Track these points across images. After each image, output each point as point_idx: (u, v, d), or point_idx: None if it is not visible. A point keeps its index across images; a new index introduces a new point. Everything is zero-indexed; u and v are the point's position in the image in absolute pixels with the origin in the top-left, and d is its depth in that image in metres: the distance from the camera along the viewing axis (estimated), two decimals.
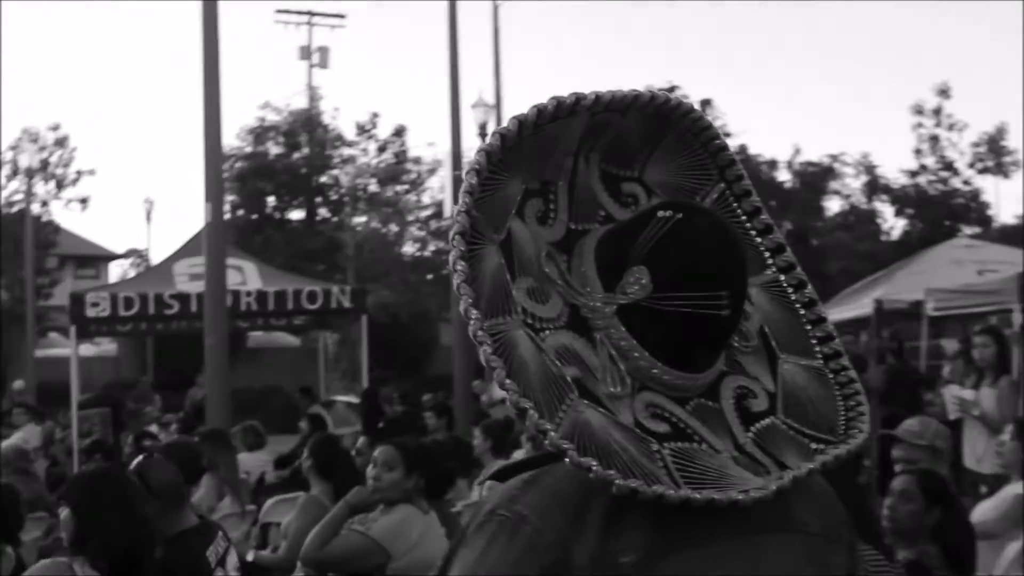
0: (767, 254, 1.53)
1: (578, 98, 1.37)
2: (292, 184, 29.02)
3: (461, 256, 1.29)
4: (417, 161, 30.55)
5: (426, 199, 30.23)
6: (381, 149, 30.71)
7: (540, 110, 1.35)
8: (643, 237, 1.37)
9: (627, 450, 1.26)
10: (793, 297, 1.51)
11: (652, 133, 1.49)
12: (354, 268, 26.49)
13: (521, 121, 1.34)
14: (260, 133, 29.34)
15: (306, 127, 29.63)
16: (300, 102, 30.62)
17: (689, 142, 1.51)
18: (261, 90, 63.01)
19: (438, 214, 27.21)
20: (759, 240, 1.53)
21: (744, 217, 1.53)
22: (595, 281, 1.39)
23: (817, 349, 1.48)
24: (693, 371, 1.37)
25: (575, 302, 1.38)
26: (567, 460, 1.22)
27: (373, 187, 30.19)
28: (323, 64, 33.83)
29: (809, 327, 1.49)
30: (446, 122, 15.62)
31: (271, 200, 29.27)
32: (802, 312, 1.50)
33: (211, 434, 7.92)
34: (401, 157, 30.70)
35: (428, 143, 36.03)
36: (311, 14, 34.21)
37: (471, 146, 16.81)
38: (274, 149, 29.46)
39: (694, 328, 1.35)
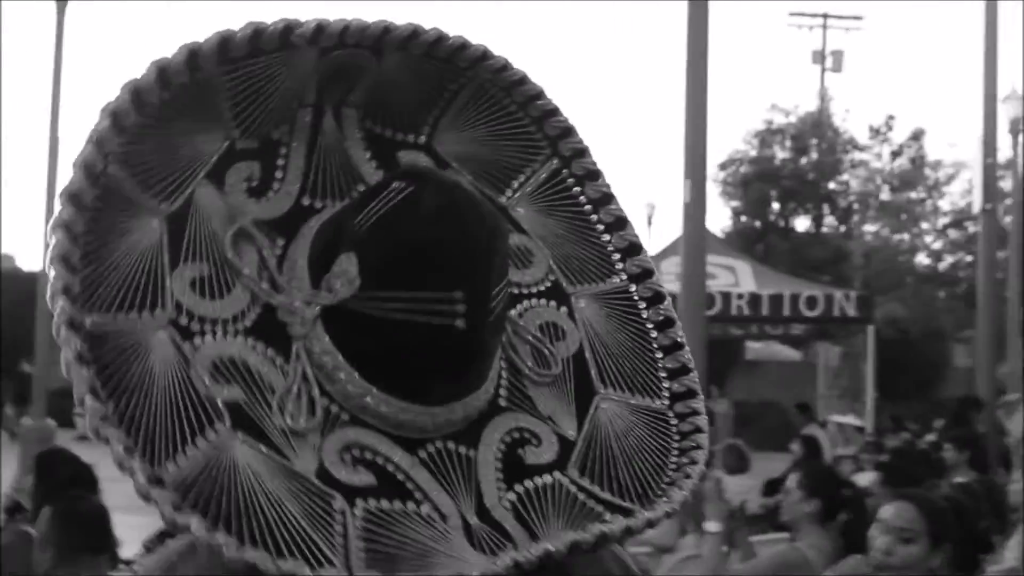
0: (615, 255, 1.21)
1: (289, 26, 1.04)
2: (798, 190, 28.32)
3: (67, 224, 0.93)
4: (936, 166, 28.96)
5: (945, 205, 28.71)
6: (895, 154, 29.37)
7: (224, 39, 1.01)
8: (362, 216, 1.02)
9: (283, 508, 0.91)
10: (644, 315, 1.18)
11: (438, 86, 1.16)
12: (861, 279, 25.55)
13: (194, 52, 1.00)
14: (766, 136, 28.93)
15: (815, 131, 28.85)
16: (809, 105, 29.88)
17: (501, 101, 1.19)
18: (770, 93, 62.45)
19: (959, 222, 25.27)
20: (606, 237, 1.21)
21: (587, 205, 1.22)
22: (304, 274, 1.04)
23: (665, 385, 1.15)
24: (426, 403, 1.02)
25: (271, 301, 1.02)
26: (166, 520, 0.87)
27: (885, 194, 29.07)
28: (836, 68, 32.50)
29: (660, 355, 1.17)
30: (969, 122, 14.07)
31: (775, 206, 28.79)
32: (653, 335, 1.18)
33: None
34: (918, 161, 29.13)
35: (950, 144, 33.90)
36: (826, 16, 33.55)
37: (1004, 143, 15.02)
38: (780, 154, 28.99)
39: (417, 342, 1.00)
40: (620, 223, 1.21)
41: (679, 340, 1.18)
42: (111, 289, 0.95)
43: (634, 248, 1.21)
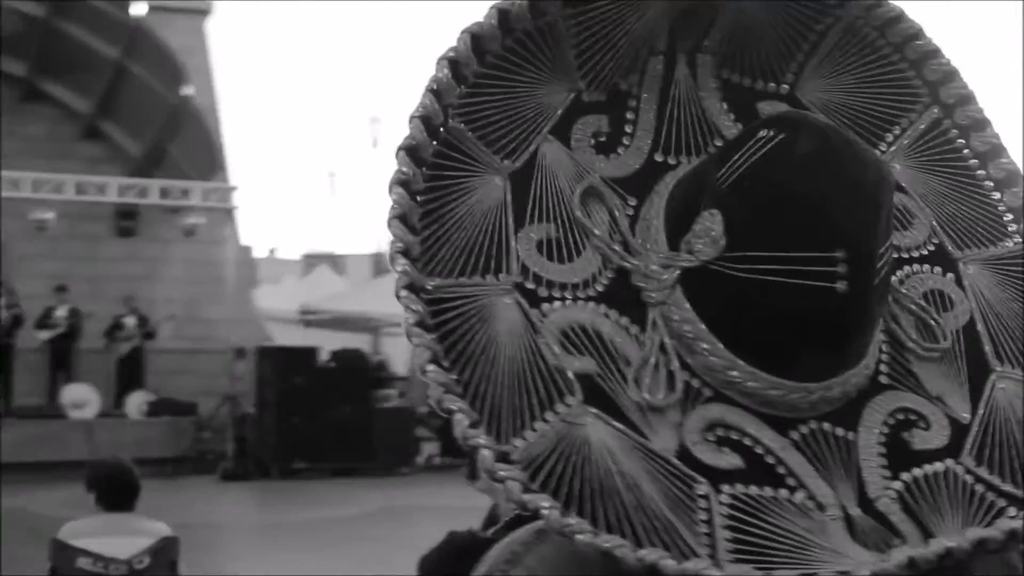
0: (1007, 216, 1.07)
1: None
2: None
3: (406, 180, 0.88)
4: None
5: None
6: None
7: None
8: (725, 169, 0.92)
9: (642, 492, 0.83)
10: None
11: (802, 26, 1.06)
12: None
13: None
14: None
15: None
16: None
17: (874, 43, 1.08)
18: None
19: None
20: (996, 195, 1.07)
21: (973, 160, 1.08)
22: (660, 235, 0.95)
23: None
24: (799, 378, 0.90)
25: (624, 265, 0.94)
26: (506, 496, 0.80)
27: None
28: None
29: None
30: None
31: None
32: None
33: None
34: None
35: None
36: None
37: None
38: None
39: (791, 308, 0.89)
40: (1012, 178, 1.07)
41: None
42: (454, 251, 0.90)
43: None
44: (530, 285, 0.91)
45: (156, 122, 16.53)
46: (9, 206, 15.23)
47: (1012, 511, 0.88)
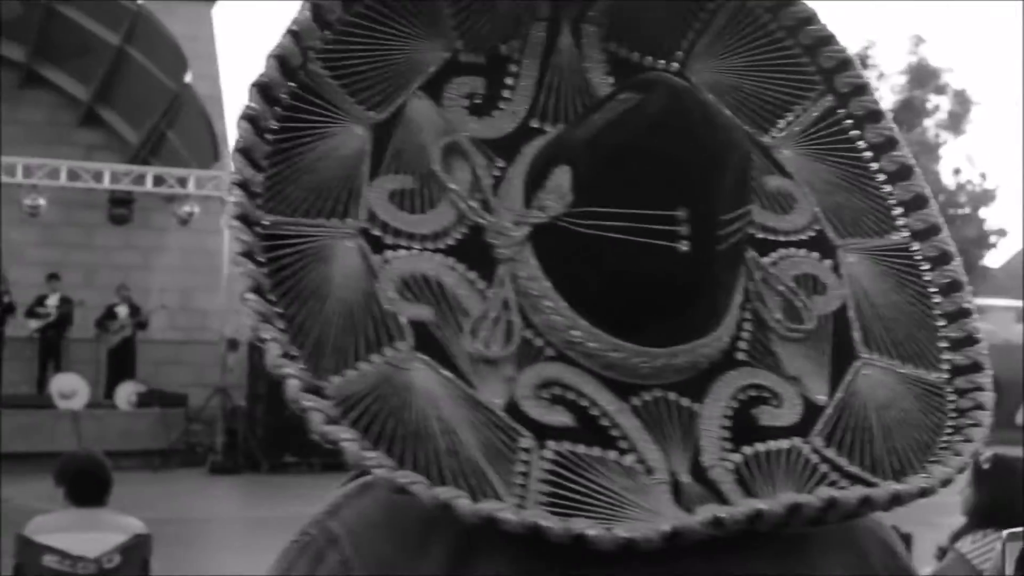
0: (897, 208, 1.05)
1: None
2: None
3: (253, 116, 0.88)
4: None
5: None
6: None
7: None
8: (581, 127, 0.92)
9: (458, 439, 0.82)
10: (925, 276, 1.03)
11: (694, 3, 1.05)
12: None
13: None
14: None
15: None
16: None
17: (766, 26, 1.06)
18: None
19: None
20: (887, 188, 1.06)
21: (867, 151, 1.06)
22: (518, 192, 0.94)
23: (945, 357, 0.99)
24: (642, 342, 0.89)
25: (479, 221, 0.93)
26: (315, 431, 0.79)
27: None
28: None
29: (941, 323, 1.01)
30: None
31: None
32: (935, 299, 1.02)
33: None
34: None
35: None
36: None
37: None
38: None
39: (634, 266, 0.87)
40: (904, 172, 1.06)
41: (966, 306, 1.02)
42: (301, 191, 0.90)
43: (919, 200, 1.05)
44: (376, 232, 0.91)
45: (156, 109, 16.39)
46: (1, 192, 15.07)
47: (844, 484, 0.88)
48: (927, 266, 1.04)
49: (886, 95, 27.44)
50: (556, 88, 1.01)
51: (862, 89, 1.07)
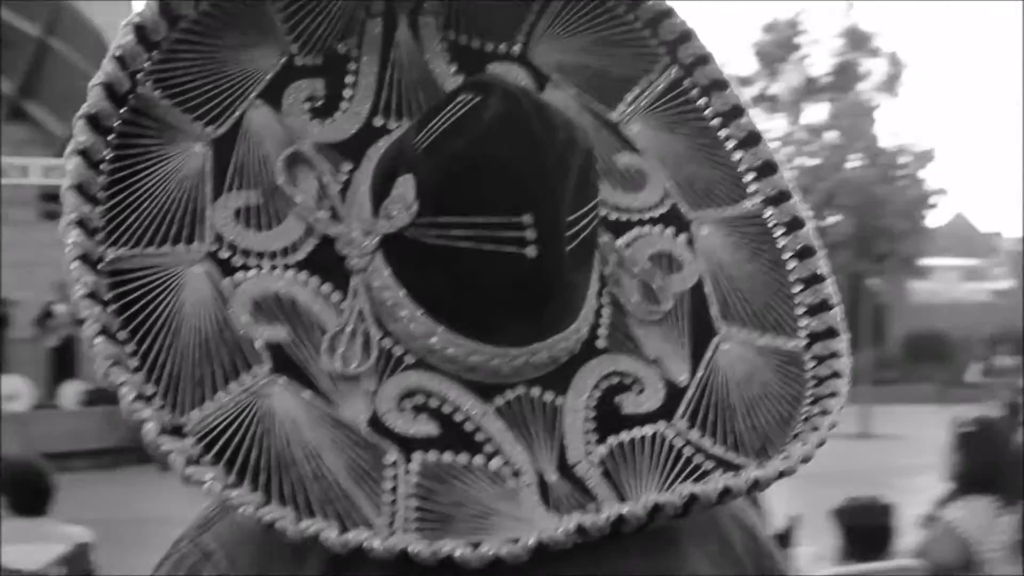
0: (748, 175, 1.05)
1: None
2: None
3: (84, 149, 0.85)
4: None
5: None
6: None
7: None
8: (422, 133, 0.90)
9: (323, 463, 0.82)
10: (780, 243, 1.03)
11: None
12: None
13: None
14: None
15: None
16: None
17: (607, 4, 1.05)
18: None
19: None
20: (737, 155, 1.05)
21: (715, 119, 1.06)
22: (365, 200, 0.92)
23: (802, 324, 0.99)
24: (501, 343, 0.89)
25: (327, 232, 0.91)
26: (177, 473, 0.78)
27: None
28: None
29: (797, 288, 1.01)
30: None
31: None
32: (789, 265, 1.02)
33: None
34: None
35: None
36: None
37: None
38: None
39: (485, 274, 0.88)
40: (753, 138, 1.06)
41: (819, 272, 1.03)
42: (143, 220, 0.88)
43: (769, 167, 1.06)
44: (225, 254, 0.89)
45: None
46: None
47: (712, 473, 0.89)
48: (781, 232, 1.04)
49: (823, 59, 27.63)
50: (397, 83, 1.00)
51: (706, 59, 1.08)
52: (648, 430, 0.92)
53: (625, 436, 0.91)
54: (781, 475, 0.88)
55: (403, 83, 1.00)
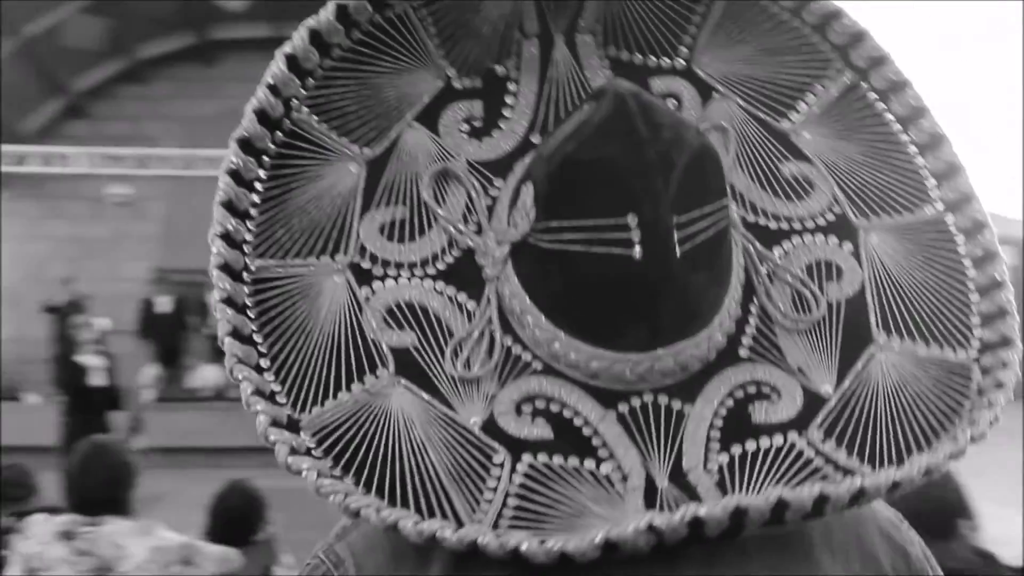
0: (929, 180, 1.01)
1: None
2: None
3: (236, 170, 0.92)
4: None
5: None
6: None
7: None
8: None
9: (425, 459, 0.84)
10: (959, 250, 0.98)
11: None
12: None
13: None
14: None
15: None
16: None
17: (767, 9, 1.04)
18: None
19: None
20: (920, 160, 1.01)
21: (895, 124, 1.02)
22: (503, 212, 0.96)
23: (976, 334, 0.94)
24: (622, 348, 0.88)
25: (468, 244, 0.95)
26: (280, 462, 0.81)
27: None
28: None
29: (975, 297, 0.96)
30: None
31: None
32: (969, 272, 0.97)
33: None
34: None
35: None
36: None
37: None
38: None
39: (596, 276, 0.87)
40: (935, 142, 1.01)
41: (999, 279, 0.97)
42: (293, 233, 0.93)
43: (952, 170, 1.01)
44: (366, 264, 0.93)
45: None
46: None
47: (836, 478, 0.85)
48: (961, 238, 0.99)
49: None
50: (556, 100, 1.00)
51: (882, 60, 1.03)
52: (778, 440, 0.89)
53: (751, 445, 0.88)
54: (896, 485, 0.78)
55: (560, 100, 1.01)
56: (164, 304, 12.51)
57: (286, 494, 2.91)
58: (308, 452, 0.82)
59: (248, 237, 0.91)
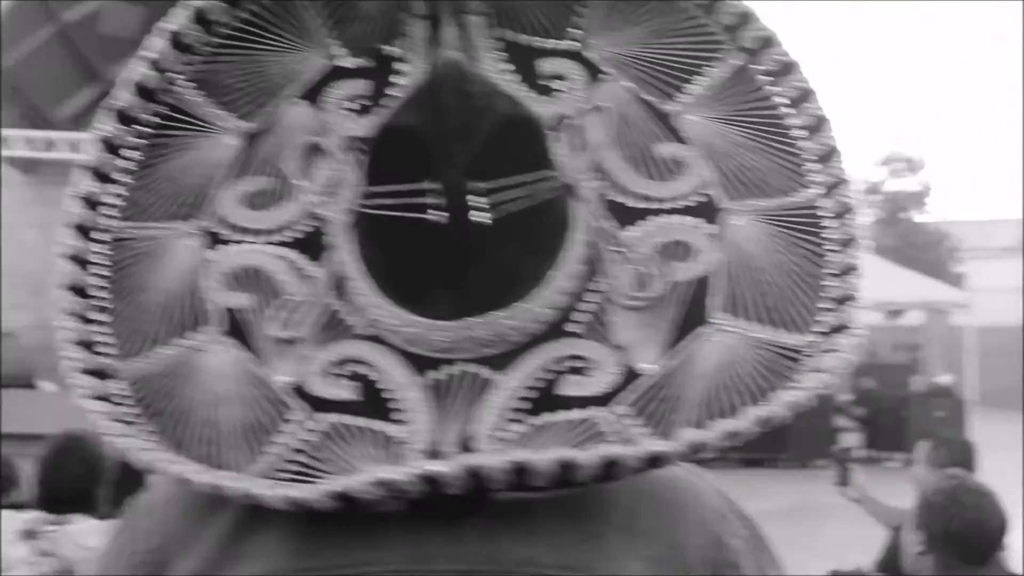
0: (810, 164, 1.00)
1: None
2: None
3: (109, 138, 0.97)
4: None
5: None
6: None
7: None
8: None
9: (216, 411, 0.88)
10: (825, 233, 0.97)
11: None
12: None
13: None
14: None
15: None
16: None
17: None
18: None
19: None
20: (802, 143, 1.01)
21: (782, 106, 1.02)
22: (357, 181, 0.96)
23: (821, 318, 0.93)
24: (436, 316, 0.90)
25: (319, 211, 0.97)
26: (79, 402, 0.86)
27: None
28: None
29: (831, 281, 0.95)
30: None
31: None
32: (829, 256, 0.96)
33: None
34: None
35: None
36: None
37: None
38: None
39: (404, 241, 0.91)
40: (817, 125, 1.02)
41: (852, 262, 0.96)
42: (156, 198, 0.97)
43: (829, 153, 1.01)
44: (219, 230, 0.96)
45: None
46: None
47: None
48: (831, 221, 0.99)
49: None
50: None
51: (769, 41, 1.03)
52: (578, 414, 0.89)
53: (550, 417, 0.88)
54: (684, 453, 0.81)
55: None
56: None
57: None
58: (114, 401, 0.86)
59: (110, 200, 0.96)
